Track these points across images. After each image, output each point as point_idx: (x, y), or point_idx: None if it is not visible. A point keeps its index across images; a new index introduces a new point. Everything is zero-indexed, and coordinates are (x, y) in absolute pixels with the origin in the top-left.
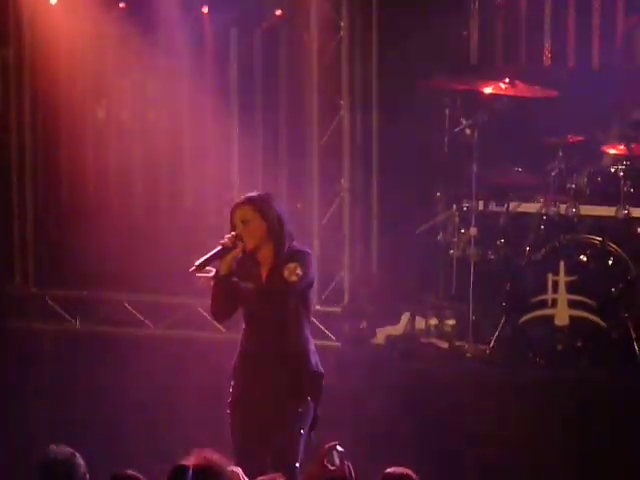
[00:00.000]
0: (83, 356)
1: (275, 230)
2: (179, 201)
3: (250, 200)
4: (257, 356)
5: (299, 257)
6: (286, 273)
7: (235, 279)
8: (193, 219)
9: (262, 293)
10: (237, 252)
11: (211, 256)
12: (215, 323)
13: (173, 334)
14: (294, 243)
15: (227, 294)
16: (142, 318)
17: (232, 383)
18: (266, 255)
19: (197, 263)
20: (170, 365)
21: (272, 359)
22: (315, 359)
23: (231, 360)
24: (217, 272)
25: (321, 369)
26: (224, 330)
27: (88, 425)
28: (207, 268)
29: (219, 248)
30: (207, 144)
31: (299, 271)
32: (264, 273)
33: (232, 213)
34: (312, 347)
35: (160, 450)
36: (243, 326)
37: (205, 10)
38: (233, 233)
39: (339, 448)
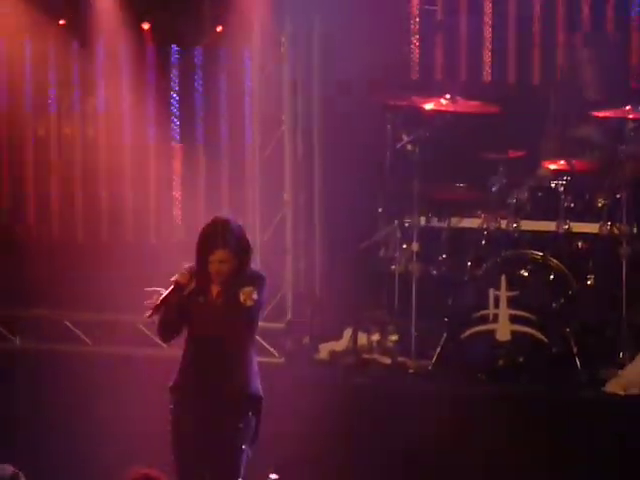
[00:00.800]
0: (24, 374)
1: (240, 257)
2: (120, 218)
3: (228, 244)
4: (199, 374)
5: (255, 281)
6: (242, 297)
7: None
8: (134, 236)
9: (211, 310)
10: (191, 287)
11: (166, 296)
12: (158, 340)
13: (113, 351)
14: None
15: (178, 308)
16: (82, 336)
17: (172, 399)
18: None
19: (154, 307)
20: (110, 382)
21: (214, 378)
22: (256, 382)
23: (172, 377)
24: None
25: (261, 393)
26: (165, 346)
27: (29, 442)
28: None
29: (173, 287)
30: (148, 159)
31: (255, 296)
32: (215, 289)
33: (209, 250)
34: (254, 369)
35: (99, 467)
36: (185, 343)
37: (146, 27)
38: (187, 270)
39: (273, 476)
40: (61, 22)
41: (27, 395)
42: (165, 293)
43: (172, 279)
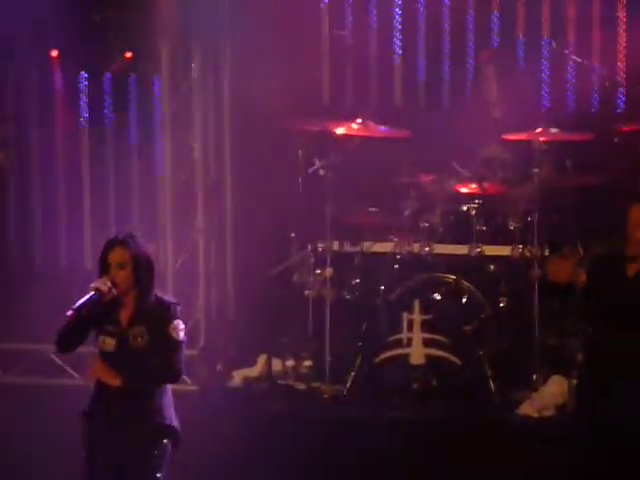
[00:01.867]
0: None
1: (143, 276)
2: (29, 247)
3: (128, 243)
4: (111, 402)
5: (173, 312)
6: (173, 332)
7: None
8: (42, 265)
9: (122, 341)
10: (112, 296)
11: (86, 301)
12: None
13: (24, 382)
14: (158, 291)
15: (87, 321)
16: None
17: (84, 428)
18: (129, 299)
19: (74, 307)
20: (20, 413)
21: (126, 408)
22: (170, 413)
23: (83, 405)
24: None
25: (175, 423)
26: (76, 376)
27: None
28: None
29: (93, 294)
30: (58, 185)
31: (182, 327)
32: (124, 317)
33: (107, 251)
34: (167, 400)
35: None
36: None
37: (54, 53)
38: (107, 278)
39: None
40: None
41: None
42: (85, 298)
43: (91, 286)
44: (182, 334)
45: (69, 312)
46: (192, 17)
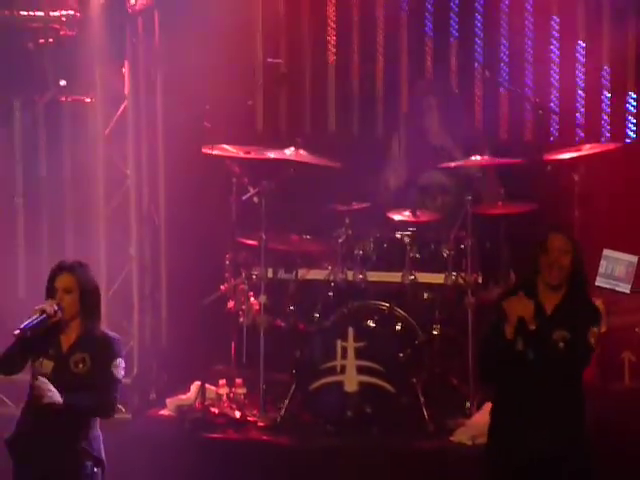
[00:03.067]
0: None
1: (88, 304)
2: None
3: (74, 270)
4: (40, 426)
5: (117, 349)
6: (114, 370)
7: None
8: None
9: (61, 365)
10: (57, 318)
11: (32, 322)
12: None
13: None
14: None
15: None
16: None
17: (11, 456)
18: (73, 326)
19: (22, 327)
20: None
21: (56, 431)
22: (98, 444)
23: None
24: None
25: (102, 456)
26: (11, 404)
27: None
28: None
29: (39, 315)
30: None
31: (123, 365)
32: (65, 343)
33: (54, 276)
34: (96, 432)
35: None
36: (26, 400)
37: None
38: (53, 301)
39: None
40: None
41: None
42: (33, 318)
43: (37, 307)
44: (122, 373)
45: (16, 331)
46: (124, 41)
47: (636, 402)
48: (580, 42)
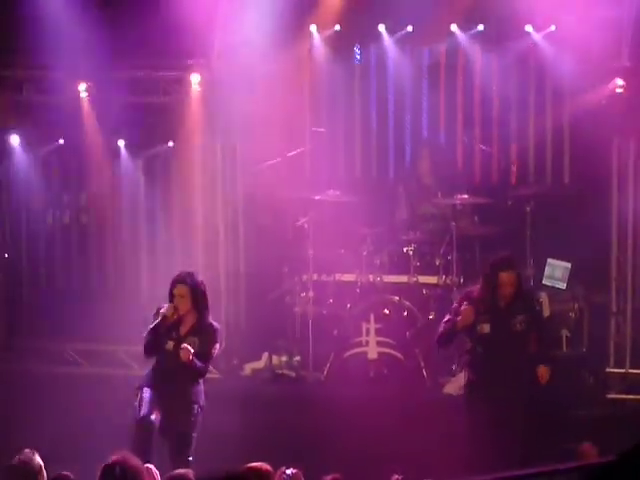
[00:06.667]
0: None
1: (199, 304)
2: None
3: (186, 281)
4: (161, 384)
5: (206, 332)
6: (213, 350)
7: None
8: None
9: (173, 349)
10: (173, 318)
11: (156, 325)
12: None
13: (101, 372)
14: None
15: (159, 336)
16: (79, 359)
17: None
18: (189, 318)
19: (151, 327)
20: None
21: (173, 391)
22: (201, 394)
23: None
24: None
25: (203, 402)
26: (136, 367)
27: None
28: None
29: (161, 317)
30: None
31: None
32: (183, 331)
33: (173, 285)
34: (200, 387)
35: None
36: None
37: None
38: (171, 305)
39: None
40: None
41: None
42: (155, 322)
43: (161, 311)
44: (216, 352)
45: (149, 329)
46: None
47: (571, 364)
48: (531, 115)
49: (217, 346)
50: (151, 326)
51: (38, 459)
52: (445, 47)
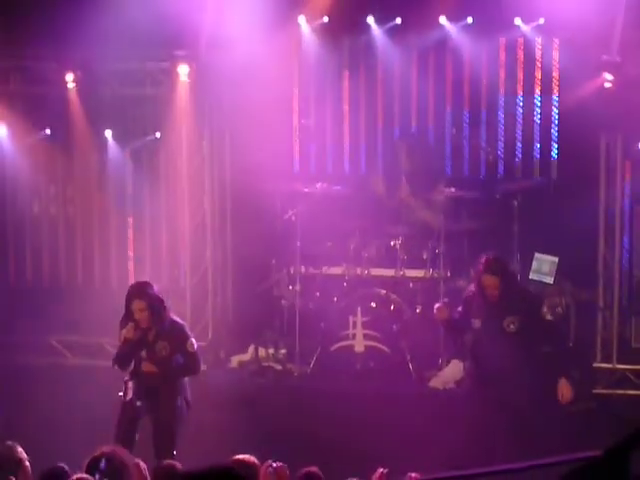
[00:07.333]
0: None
1: (160, 312)
2: None
3: (142, 295)
4: (146, 387)
5: (186, 332)
6: (190, 348)
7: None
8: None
9: (150, 351)
10: (136, 336)
11: (126, 350)
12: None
13: (87, 363)
14: (170, 314)
15: (129, 353)
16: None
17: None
18: (152, 326)
19: (118, 362)
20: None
21: (156, 387)
22: (185, 388)
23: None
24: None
25: (188, 395)
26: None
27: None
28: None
29: (124, 341)
30: None
31: (194, 342)
32: (151, 336)
33: (130, 301)
34: (185, 380)
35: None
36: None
37: None
38: (131, 325)
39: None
40: None
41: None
42: (125, 350)
43: (123, 333)
44: (195, 346)
45: (113, 361)
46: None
47: None
48: (519, 109)
49: (192, 340)
50: (116, 351)
51: (20, 451)
52: (434, 39)
